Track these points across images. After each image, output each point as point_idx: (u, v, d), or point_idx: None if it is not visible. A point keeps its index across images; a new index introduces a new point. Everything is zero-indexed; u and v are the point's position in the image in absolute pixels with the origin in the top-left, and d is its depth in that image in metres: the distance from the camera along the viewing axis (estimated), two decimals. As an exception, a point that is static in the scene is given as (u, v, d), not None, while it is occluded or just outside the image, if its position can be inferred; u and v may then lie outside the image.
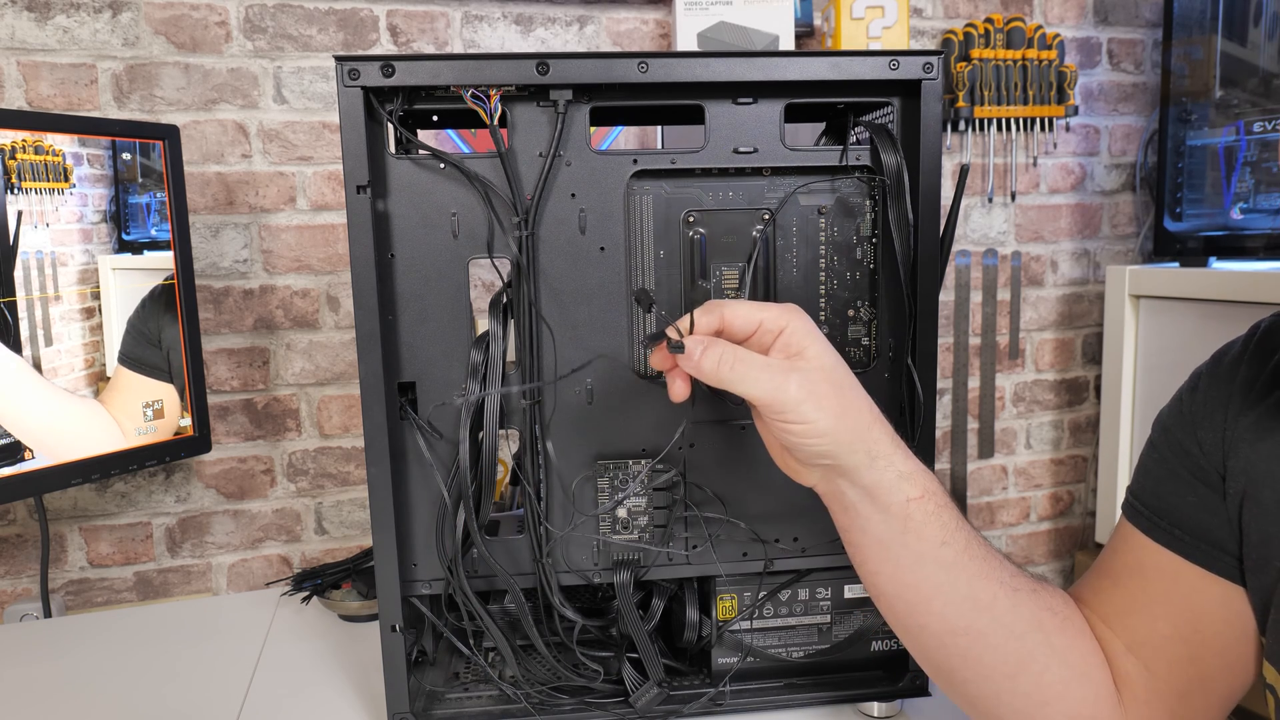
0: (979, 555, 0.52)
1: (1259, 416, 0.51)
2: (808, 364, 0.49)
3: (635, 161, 0.60)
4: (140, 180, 1.08)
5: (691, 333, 0.50)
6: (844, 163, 0.62)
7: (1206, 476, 0.53)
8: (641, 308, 0.55)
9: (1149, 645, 0.54)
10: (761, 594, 0.65)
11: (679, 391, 0.52)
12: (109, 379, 1.05)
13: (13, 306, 0.94)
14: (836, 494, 0.53)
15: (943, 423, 1.76)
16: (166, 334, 1.10)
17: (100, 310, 1.03)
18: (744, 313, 0.50)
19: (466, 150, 1.11)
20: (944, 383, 1.76)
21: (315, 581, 0.89)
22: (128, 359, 1.06)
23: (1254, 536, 0.50)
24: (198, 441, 1.14)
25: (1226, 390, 0.53)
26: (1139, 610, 0.55)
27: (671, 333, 0.50)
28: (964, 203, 1.73)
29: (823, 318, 0.64)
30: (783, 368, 0.49)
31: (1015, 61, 1.65)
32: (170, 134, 1.08)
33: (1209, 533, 0.53)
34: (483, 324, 0.61)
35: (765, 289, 0.63)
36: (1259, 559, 0.50)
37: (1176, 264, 1.66)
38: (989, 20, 1.65)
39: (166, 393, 1.10)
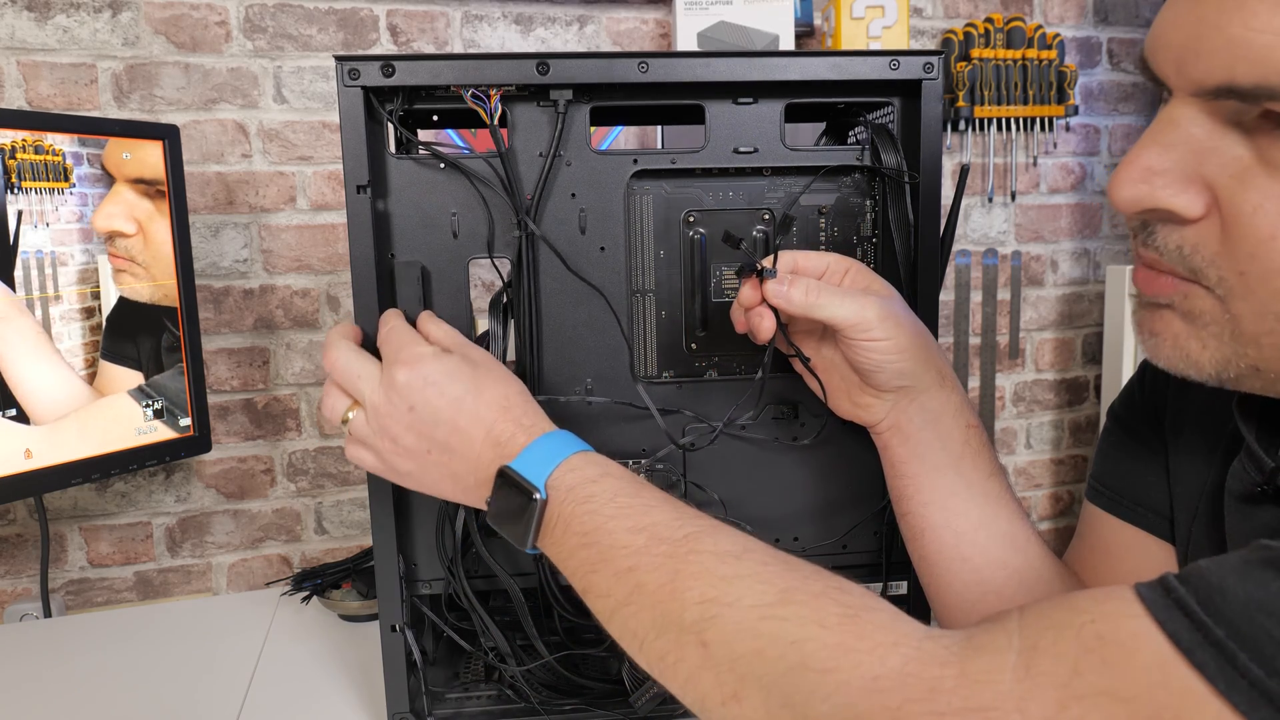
0: (1015, 500, 0.56)
1: (1187, 445, 0.52)
2: (878, 294, 0.55)
3: (635, 161, 0.60)
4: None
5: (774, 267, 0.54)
6: (844, 163, 0.62)
7: (1159, 459, 0.55)
8: (730, 245, 0.58)
9: None
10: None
11: (766, 329, 0.54)
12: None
13: (13, 306, 0.93)
14: (903, 423, 0.55)
15: (943, 423, 1.76)
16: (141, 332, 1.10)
17: (100, 310, 1.03)
18: (813, 256, 0.57)
19: (467, 150, 1.11)
20: (944, 383, 1.76)
21: (315, 581, 0.89)
22: (108, 353, 1.06)
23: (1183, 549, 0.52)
24: (198, 441, 1.14)
25: (1164, 391, 0.55)
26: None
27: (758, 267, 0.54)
28: (964, 203, 1.73)
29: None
30: (860, 294, 0.54)
31: (1015, 61, 1.65)
32: (170, 134, 1.08)
33: (1169, 509, 0.54)
34: (483, 324, 0.61)
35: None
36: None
37: (1176, 264, 1.66)
38: (989, 20, 1.65)
39: (134, 379, 1.08)
